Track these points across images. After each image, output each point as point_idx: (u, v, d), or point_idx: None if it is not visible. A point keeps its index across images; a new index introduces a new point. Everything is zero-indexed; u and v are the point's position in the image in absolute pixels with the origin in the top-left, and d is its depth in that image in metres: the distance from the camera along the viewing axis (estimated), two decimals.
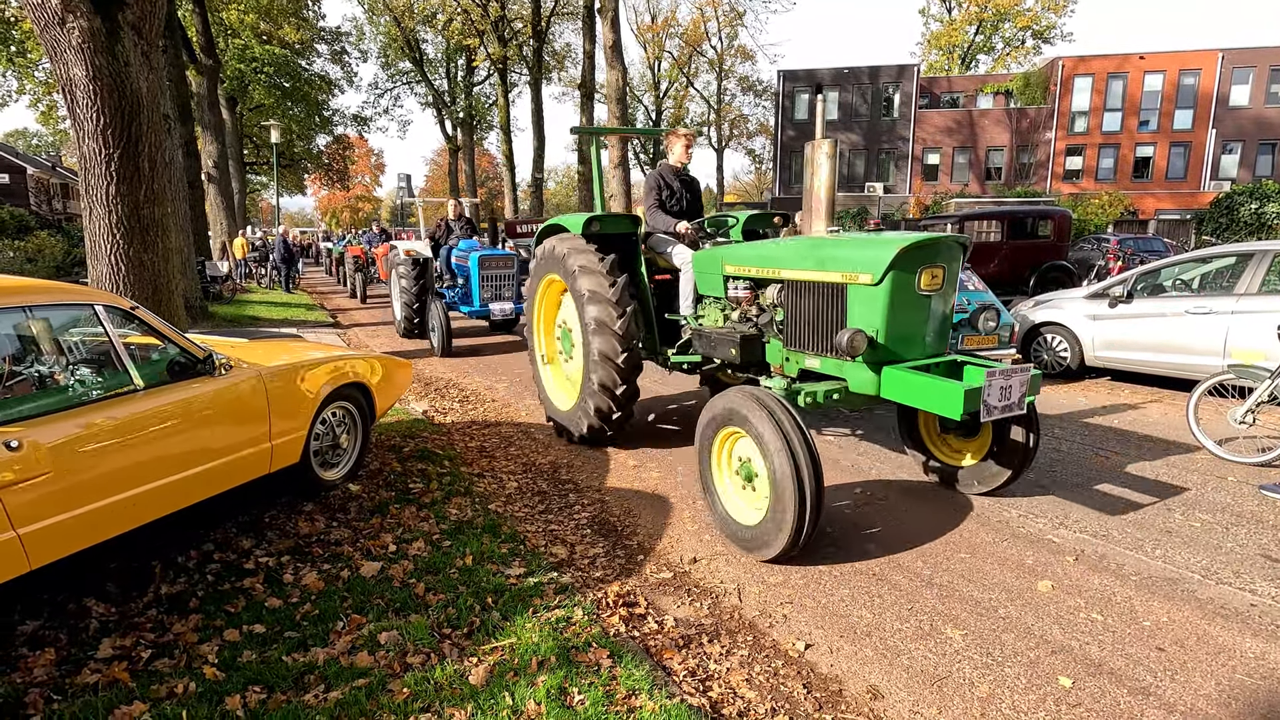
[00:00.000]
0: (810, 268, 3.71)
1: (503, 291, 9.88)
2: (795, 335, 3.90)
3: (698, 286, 4.79)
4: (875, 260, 3.33)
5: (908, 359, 3.48)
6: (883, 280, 3.32)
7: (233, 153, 25.57)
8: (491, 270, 9.76)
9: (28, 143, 52.98)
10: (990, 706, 2.39)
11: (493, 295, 9.82)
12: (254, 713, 2.23)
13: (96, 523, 2.70)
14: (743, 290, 4.26)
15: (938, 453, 4.37)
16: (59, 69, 5.53)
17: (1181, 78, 32.66)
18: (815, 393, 3.56)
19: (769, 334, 4.16)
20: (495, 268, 9.79)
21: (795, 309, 3.86)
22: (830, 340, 3.66)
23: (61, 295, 2.90)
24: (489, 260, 9.74)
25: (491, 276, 9.77)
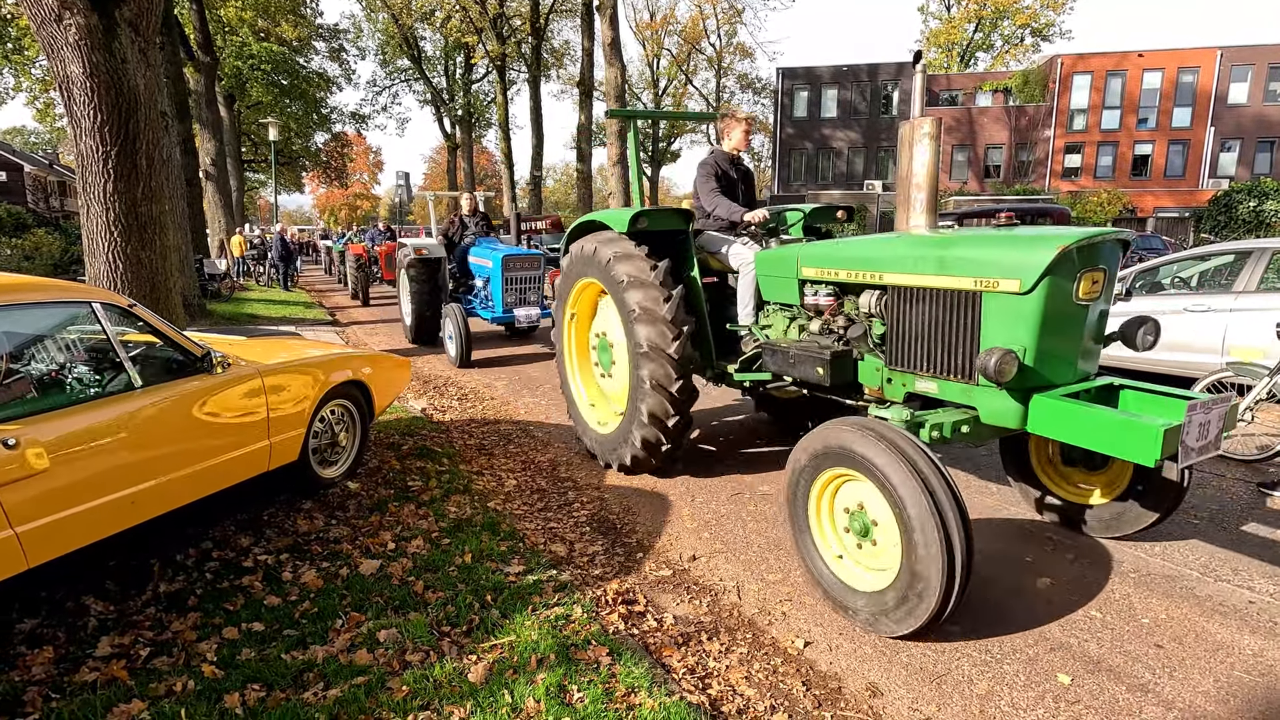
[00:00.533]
0: (928, 271, 3.07)
1: (528, 295, 8.76)
2: (903, 352, 3.24)
3: (760, 291, 4.20)
4: (1026, 264, 2.72)
5: (1058, 383, 2.90)
6: (1035, 288, 2.71)
7: (230, 150, 25.52)
8: (517, 271, 8.63)
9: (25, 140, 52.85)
10: (989, 703, 2.40)
11: (517, 299, 8.70)
12: (253, 711, 2.23)
13: (94, 521, 2.70)
14: (824, 297, 3.68)
15: (1056, 487, 3.70)
16: (56, 66, 5.52)
17: (1180, 75, 32.67)
18: (942, 425, 2.89)
19: (860, 349, 3.52)
20: (521, 268, 8.66)
21: (903, 321, 3.22)
22: (952, 359, 3.03)
23: (59, 293, 2.89)
24: (514, 260, 8.60)
25: (517, 279, 8.65)
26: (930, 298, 3.11)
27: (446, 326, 8.59)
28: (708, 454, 5.08)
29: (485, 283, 9.04)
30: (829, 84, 36.46)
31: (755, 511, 4.03)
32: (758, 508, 4.08)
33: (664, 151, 47.42)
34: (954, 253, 3.00)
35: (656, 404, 4.11)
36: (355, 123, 38.46)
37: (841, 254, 3.59)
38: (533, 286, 8.83)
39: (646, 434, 4.22)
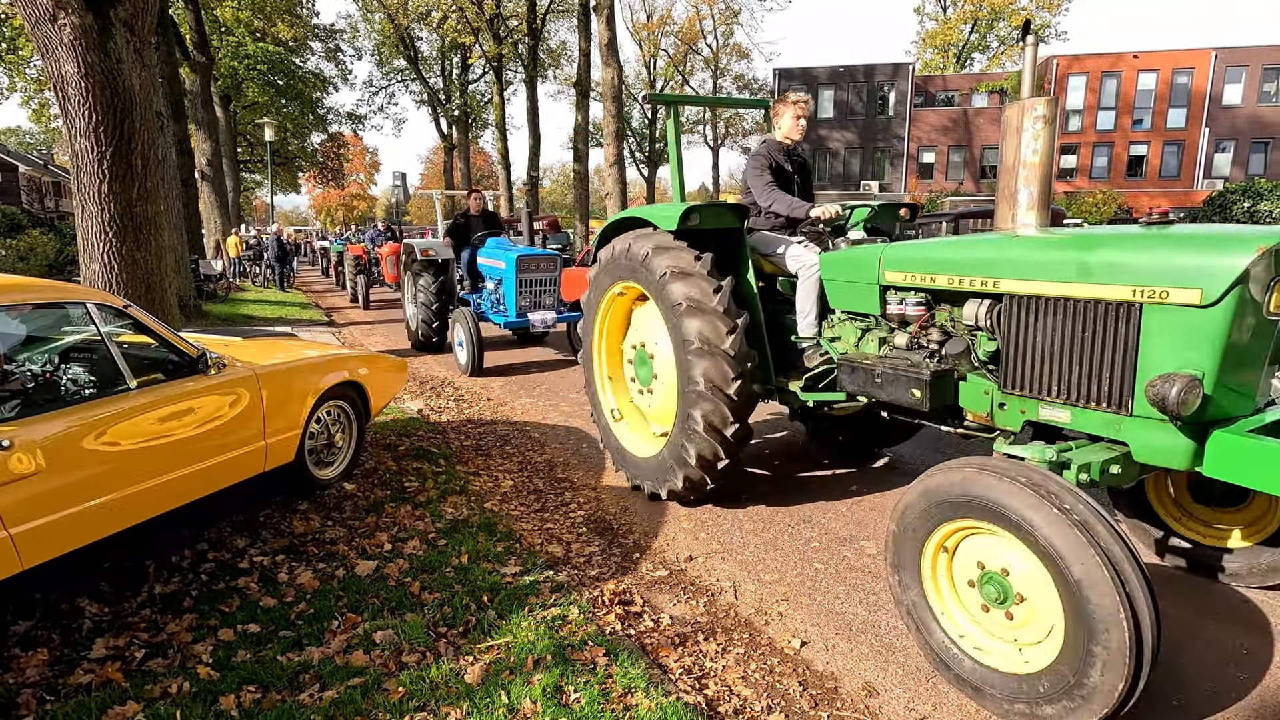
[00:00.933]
0: (1065, 278, 2.58)
1: (543, 298, 8.25)
2: (1024, 373, 2.76)
3: (827, 298, 3.71)
4: (1212, 269, 2.24)
5: (1237, 415, 2.41)
6: (1223, 299, 2.23)
7: (226, 151, 25.44)
8: (532, 273, 8.15)
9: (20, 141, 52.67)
10: None
11: (532, 302, 8.20)
12: (249, 712, 2.23)
13: (89, 522, 2.69)
14: (913, 306, 3.20)
15: (1183, 527, 3.23)
16: (51, 66, 5.50)
17: (1175, 76, 32.81)
18: (1090, 465, 2.42)
19: (961, 367, 3.05)
20: (536, 270, 8.17)
21: (1026, 336, 2.74)
22: (1096, 385, 2.55)
23: (54, 293, 2.89)
24: (529, 261, 8.11)
25: (532, 280, 8.16)
26: (1066, 310, 2.61)
27: (456, 331, 8.12)
28: None
29: (497, 285, 8.50)
30: (825, 85, 36.53)
31: (752, 512, 4.03)
32: (754, 508, 4.08)
33: (660, 152, 47.44)
34: (1101, 256, 2.50)
35: (713, 410, 3.56)
36: (352, 123, 38.41)
37: (939, 256, 3.08)
38: (548, 289, 8.31)
39: (701, 447, 3.63)
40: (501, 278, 8.32)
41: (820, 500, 4.18)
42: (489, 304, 8.71)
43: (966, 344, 3.03)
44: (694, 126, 47.96)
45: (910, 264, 3.19)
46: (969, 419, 3.12)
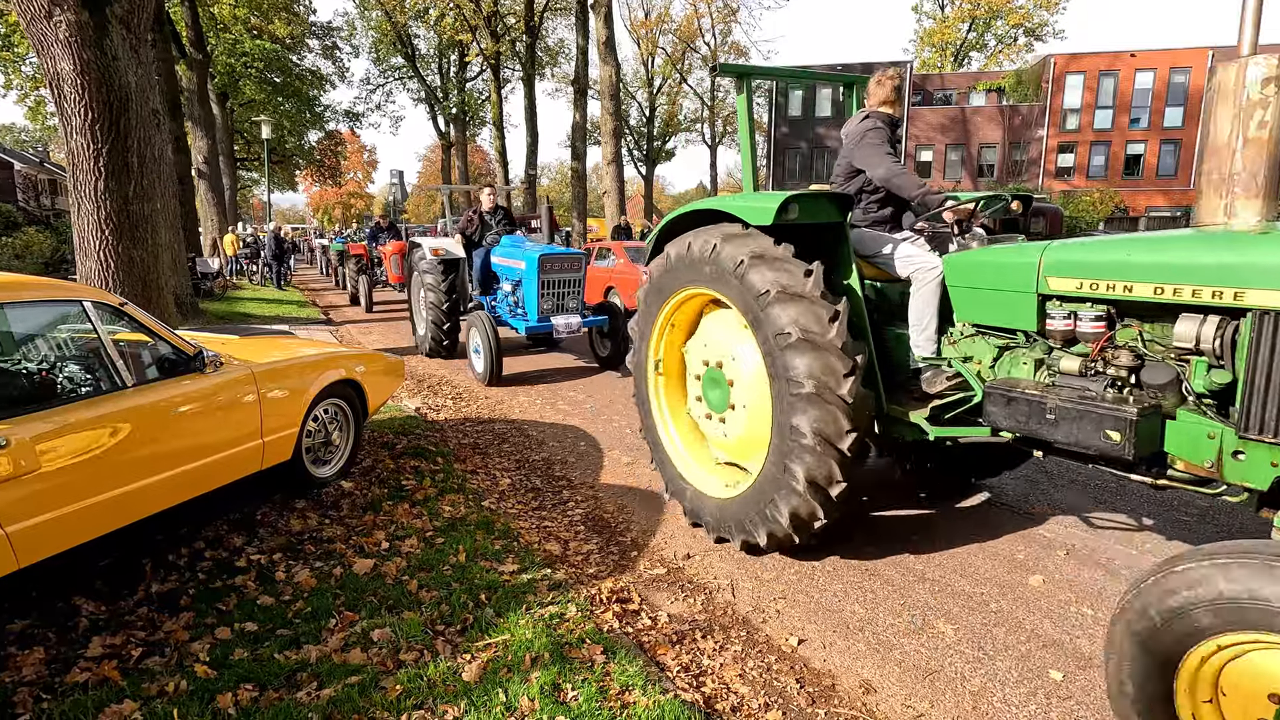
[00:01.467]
0: None
1: (567, 301, 7.68)
2: None
3: (955, 309, 3.15)
4: None
5: None
6: None
7: (223, 148, 25.37)
8: (555, 273, 7.55)
9: (15, 138, 52.49)
10: (982, 700, 2.41)
11: (555, 306, 7.63)
12: (246, 710, 2.22)
13: (86, 520, 2.68)
14: (1090, 322, 2.60)
15: None
16: (46, 63, 5.48)
17: (1172, 75, 32.85)
18: None
19: (1165, 402, 2.44)
20: (560, 270, 7.58)
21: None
22: None
23: (50, 291, 2.88)
24: (553, 260, 7.51)
25: (555, 282, 7.58)
26: None
27: (472, 337, 7.44)
28: None
29: (515, 286, 7.88)
30: (823, 83, 36.48)
31: None
32: None
33: (658, 150, 47.42)
34: None
35: (819, 466, 2.95)
36: (349, 121, 38.31)
37: (1136, 260, 2.46)
38: (572, 291, 7.75)
39: (798, 506, 3.04)
40: (520, 279, 7.72)
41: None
42: (505, 307, 8.09)
43: (1176, 373, 2.43)
44: (692, 124, 47.94)
45: (1089, 269, 2.58)
46: (1177, 468, 2.48)
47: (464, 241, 8.61)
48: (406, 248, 9.64)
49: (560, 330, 7.41)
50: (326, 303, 16.28)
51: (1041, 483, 4.44)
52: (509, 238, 8.45)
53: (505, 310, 8.07)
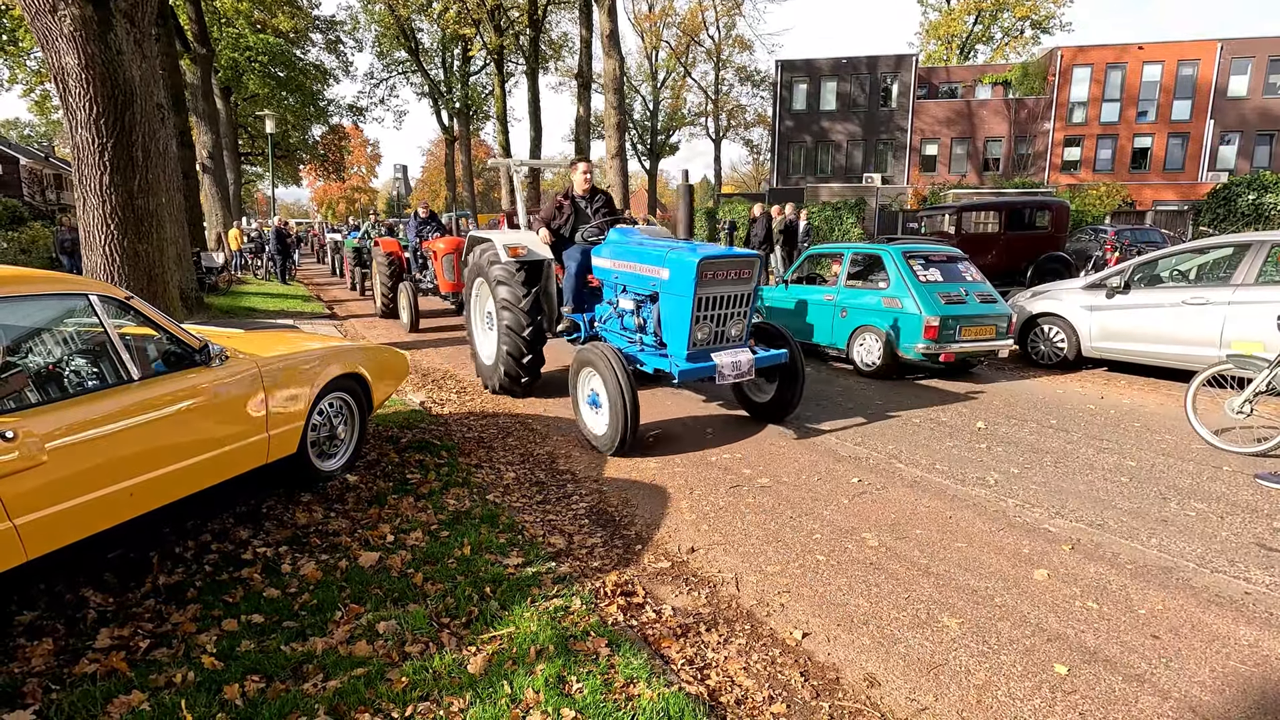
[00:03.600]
0: None
1: (729, 327, 5.09)
2: None
3: None
4: None
5: None
6: None
7: (227, 143, 25.40)
8: (718, 286, 4.91)
9: (20, 133, 52.61)
10: (986, 694, 2.41)
11: (713, 335, 5.03)
12: (253, 702, 2.24)
13: (93, 513, 2.69)
14: None
15: None
16: (51, 57, 5.49)
17: (1180, 68, 32.59)
18: None
19: None
20: (724, 281, 4.93)
21: None
22: None
23: (56, 285, 2.88)
24: (718, 267, 4.87)
25: (716, 300, 4.94)
26: None
27: (585, 381, 5.08)
28: (704, 449, 5.08)
29: (639, 305, 5.48)
30: (828, 76, 36.32)
31: (754, 504, 4.04)
32: (756, 500, 4.09)
33: (662, 144, 47.29)
34: None
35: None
36: (352, 115, 38.31)
37: None
38: (739, 312, 5.11)
39: None
40: (656, 293, 5.20)
41: (822, 494, 4.19)
42: (616, 331, 5.81)
43: None
44: (696, 118, 47.78)
45: None
46: None
47: (551, 238, 6.20)
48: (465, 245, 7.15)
49: (727, 373, 4.82)
50: (330, 297, 16.30)
51: (1047, 479, 4.43)
52: (620, 232, 5.98)
53: (616, 335, 5.79)
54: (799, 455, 4.89)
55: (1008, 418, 5.86)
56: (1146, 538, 3.57)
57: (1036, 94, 34.57)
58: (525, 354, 6.06)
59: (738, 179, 61.16)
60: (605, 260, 5.84)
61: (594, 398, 5.00)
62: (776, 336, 5.52)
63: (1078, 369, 7.73)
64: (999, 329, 7.13)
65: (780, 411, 5.60)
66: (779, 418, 5.66)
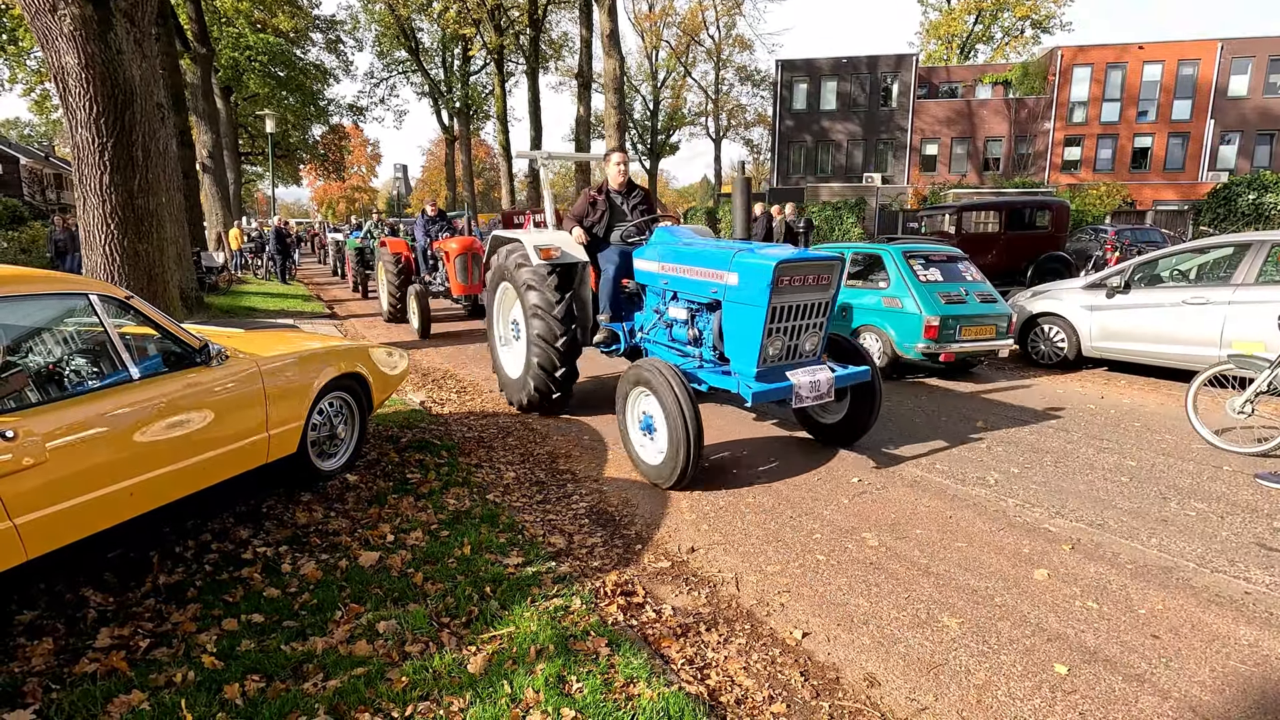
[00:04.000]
0: None
1: (804, 341, 4.43)
2: None
3: None
4: None
5: None
6: None
7: (228, 143, 25.41)
8: (795, 294, 4.26)
9: (20, 133, 52.61)
10: (986, 693, 2.41)
11: (787, 350, 4.38)
12: (253, 701, 2.24)
13: (93, 513, 2.70)
14: None
15: None
16: (51, 57, 5.49)
17: (1180, 68, 32.58)
18: None
19: None
20: (801, 287, 4.27)
21: None
22: None
23: (56, 285, 2.88)
24: (794, 270, 4.20)
25: (790, 310, 4.29)
26: None
27: (636, 401, 4.42)
28: (706, 448, 5.08)
29: (693, 315, 4.86)
30: (828, 76, 36.32)
31: (754, 504, 4.04)
32: (756, 500, 4.09)
33: (663, 144, 47.29)
34: None
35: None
36: (353, 115, 38.32)
37: None
38: (815, 323, 4.45)
39: None
40: (719, 299, 4.50)
41: (822, 493, 4.19)
42: (661, 342, 5.19)
43: None
44: (696, 118, 47.78)
45: None
46: None
47: (586, 238, 5.60)
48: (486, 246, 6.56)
49: (805, 395, 4.15)
50: (331, 297, 16.30)
51: (1047, 478, 4.43)
52: (666, 232, 5.32)
53: (664, 349, 5.13)
54: (799, 454, 4.89)
55: (1008, 417, 5.86)
56: (1146, 537, 3.57)
57: (1037, 94, 34.56)
58: (558, 366, 5.42)
59: None
60: (651, 263, 5.16)
61: (647, 422, 4.32)
62: (849, 350, 4.82)
63: (1078, 369, 7.73)
64: (999, 329, 7.13)
65: (851, 435, 4.94)
66: (848, 442, 5.00)
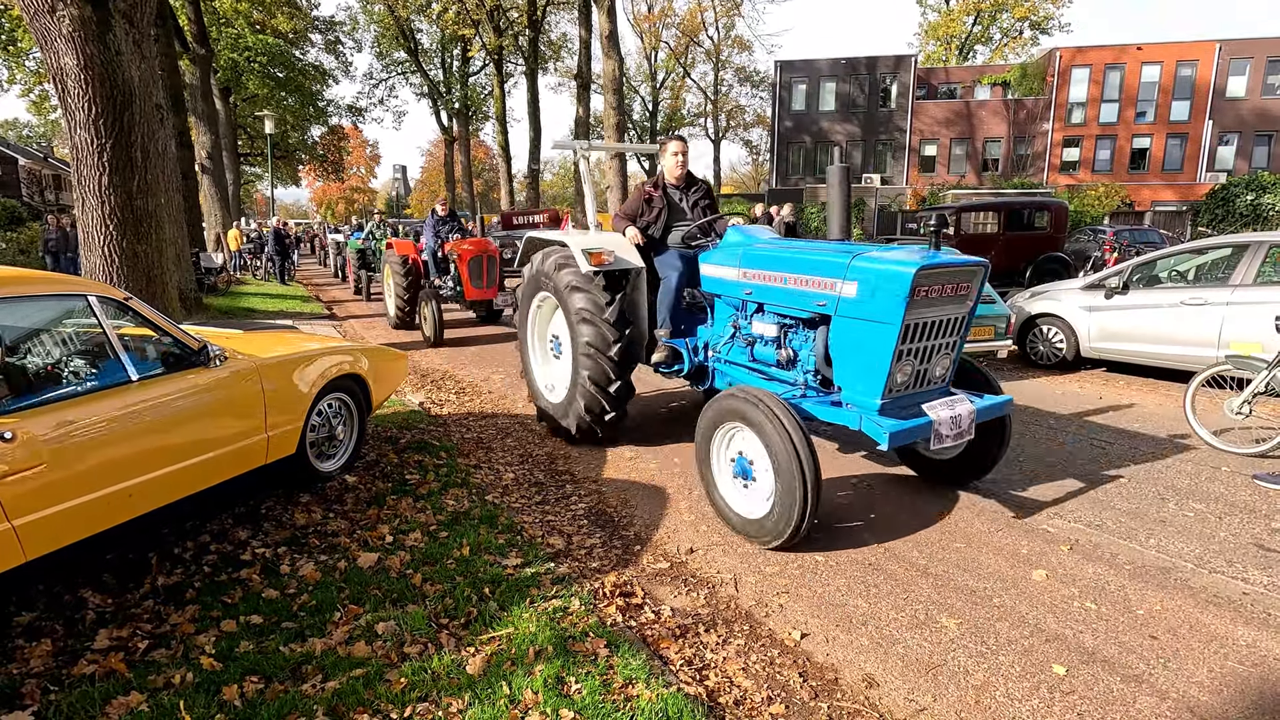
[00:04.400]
0: None
1: (936, 364, 3.68)
2: None
3: None
4: None
5: None
6: None
7: (227, 144, 25.40)
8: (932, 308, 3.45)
9: (19, 133, 52.58)
10: (984, 694, 2.41)
11: (919, 378, 3.63)
12: (251, 703, 2.24)
13: (92, 514, 2.69)
14: None
15: None
16: (50, 58, 5.49)
17: (1179, 69, 32.63)
18: None
19: None
20: (939, 299, 3.46)
21: None
22: None
23: (55, 286, 2.88)
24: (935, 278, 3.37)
25: (927, 327, 3.49)
26: None
27: (728, 440, 3.64)
28: None
29: (785, 331, 4.05)
30: (827, 77, 36.35)
31: None
32: None
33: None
34: None
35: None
36: (352, 116, 38.32)
37: None
38: (949, 342, 3.66)
39: None
40: (828, 314, 3.66)
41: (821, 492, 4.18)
42: (739, 363, 4.40)
43: None
44: (695, 119, 47.79)
45: None
46: None
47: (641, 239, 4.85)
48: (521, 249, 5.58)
49: (946, 434, 3.42)
50: (330, 298, 16.29)
51: (1045, 479, 4.43)
52: (740, 232, 4.53)
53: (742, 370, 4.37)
54: None
55: None
56: (1145, 538, 3.57)
57: (1035, 94, 34.60)
58: (612, 379, 4.55)
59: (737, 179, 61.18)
60: (726, 269, 4.32)
61: (743, 466, 3.51)
62: (971, 372, 4.03)
63: (1076, 369, 7.74)
64: (998, 329, 7.13)
65: (973, 472, 4.04)
66: (964, 481, 4.13)
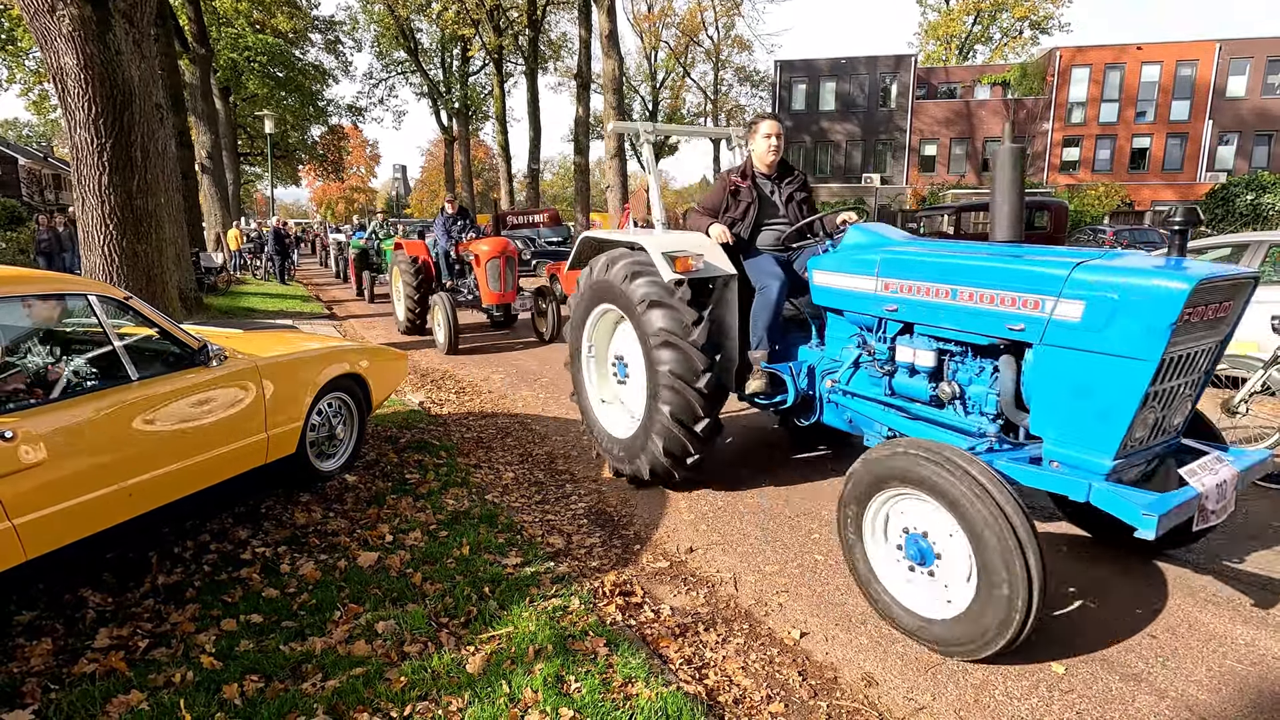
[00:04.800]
0: None
1: (1175, 412, 2.68)
2: None
3: None
4: None
5: None
6: None
7: (227, 143, 25.40)
8: (1193, 339, 2.46)
9: (19, 133, 52.59)
10: (983, 693, 2.41)
11: (1155, 428, 2.59)
12: (251, 701, 2.24)
13: (92, 513, 2.70)
14: None
15: None
16: (50, 57, 5.49)
17: (1179, 68, 32.64)
18: None
19: None
20: (1199, 324, 2.42)
21: None
22: None
23: (55, 285, 2.89)
24: (1208, 297, 2.38)
25: (1181, 362, 2.51)
26: None
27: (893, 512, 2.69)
28: None
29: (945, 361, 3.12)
30: (827, 77, 36.36)
31: (752, 504, 4.04)
32: (754, 500, 4.09)
33: (661, 145, 47.31)
34: None
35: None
36: (352, 115, 38.33)
37: None
38: (1194, 380, 2.70)
39: None
40: (1028, 339, 2.67)
41: (820, 493, 4.19)
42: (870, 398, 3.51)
43: None
44: (695, 118, 47.78)
45: None
46: None
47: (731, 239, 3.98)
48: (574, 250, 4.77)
49: (1212, 510, 2.51)
50: (330, 298, 16.29)
51: None
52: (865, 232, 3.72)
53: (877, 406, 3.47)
54: (796, 454, 4.89)
55: None
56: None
57: (1035, 94, 34.60)
58: (700, 416, 3.70)
59: None
60: (857, 278, 3.40)
61: (919, 545, 2.60)
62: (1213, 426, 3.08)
63: None
64: None
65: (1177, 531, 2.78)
66: (1169, 542, 3.12)
